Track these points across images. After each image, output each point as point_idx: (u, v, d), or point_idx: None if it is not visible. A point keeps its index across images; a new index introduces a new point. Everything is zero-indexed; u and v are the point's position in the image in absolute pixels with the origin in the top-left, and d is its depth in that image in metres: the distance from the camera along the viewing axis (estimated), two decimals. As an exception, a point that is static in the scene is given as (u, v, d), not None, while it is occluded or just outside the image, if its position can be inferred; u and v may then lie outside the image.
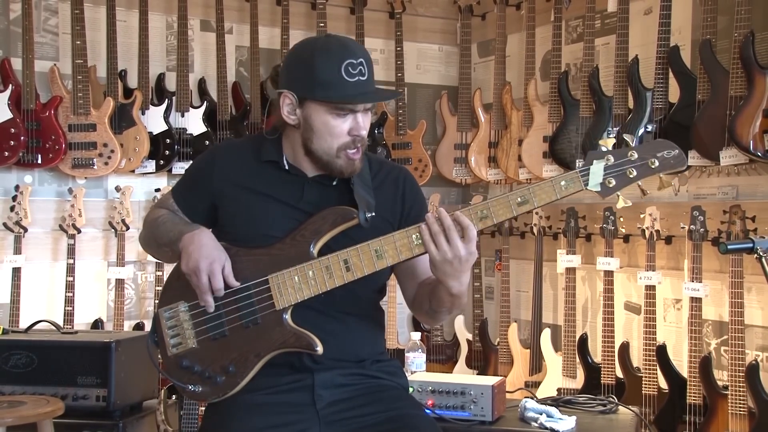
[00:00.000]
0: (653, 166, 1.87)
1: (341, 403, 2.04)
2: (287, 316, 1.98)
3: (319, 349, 1.96)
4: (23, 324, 3.56)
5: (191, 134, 4.17)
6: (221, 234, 2.08)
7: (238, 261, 2.01)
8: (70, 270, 3.90)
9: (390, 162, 2.24)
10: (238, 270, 2.01)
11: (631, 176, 1.87)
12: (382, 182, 2.12)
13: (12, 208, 3.82)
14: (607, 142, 1.89)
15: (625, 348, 3.70)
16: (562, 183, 1.88)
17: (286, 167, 2.09)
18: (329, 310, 2.04)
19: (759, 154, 3.14)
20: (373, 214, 2.00)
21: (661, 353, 3.52)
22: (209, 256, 1.98)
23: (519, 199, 1.89)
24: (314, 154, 2.03)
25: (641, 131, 3.55)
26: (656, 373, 3.53)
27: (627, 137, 1.90)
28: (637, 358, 3.71)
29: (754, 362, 3.17)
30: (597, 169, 1.87)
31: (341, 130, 1.99)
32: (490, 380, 2.63)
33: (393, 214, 2.10)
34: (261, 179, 2.09)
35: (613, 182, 1.87)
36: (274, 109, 2.10)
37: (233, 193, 2.09)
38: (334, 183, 2.08)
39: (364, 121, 2.01)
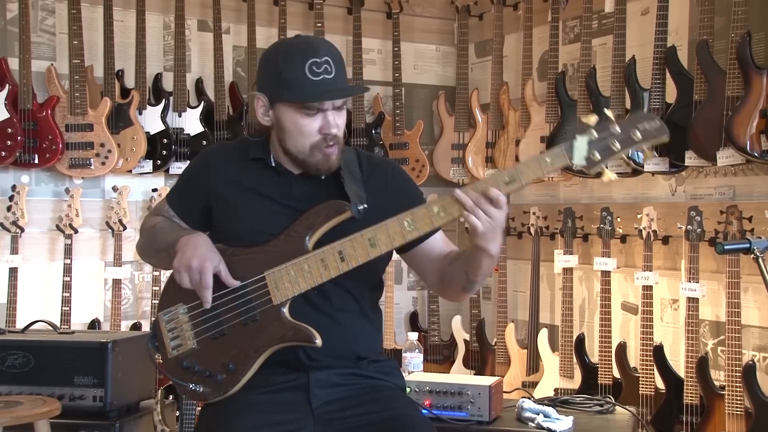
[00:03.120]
0: (636, 138, 1.89)
1: (337, 403, 2.05)
2: (285, 310, 1.99)
3: (318, 341, 1.97)
4: (20, 324, 3.55)
5: (188, 134, 4.17)
6: (216, 234, 2.10)
7: (235, 261, 2.03)
8: (67, 270, 3.89)
9: (377, 156, 2.28)
10: (235, 269, 2.02)
11: (614, 149, 1.89)
12: (371, 176, 2.14)
13: (9, 208, 3.81)
14: (590, 119, 1.91)
15: (622, 348, 3.70)
16: (548, 159, 1.89)
17: (273, 164, 2.11)
18: (325, 308, 2.05)
19: (756, 154, 3.14)
20: (366, 206, 2.01)
21: (658, 353, 3.52)
22: (202, 255, 2.00)
23: (506, 179, 1.90)
24: (290, 153, 2.06)
25: (638, 131, 3.55)
26: (653, 374, 3.53)
27: (608, 112, 1.93)
28: (634, 359, 3.71)
29: (750, 362, 3.17)
30: (581, 143, 1.89)
31: (311, 129, 2.01)
32: (487, 380, 2.63)
33: (386, 206, 2.09)
34: (250, 177, 2.11)
35: (598, 156, 1.89)
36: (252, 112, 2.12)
37: (226, 193, 2.11)
38: (323, 177, 2.09)
39: (335, 119, 2.02)
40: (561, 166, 1.91)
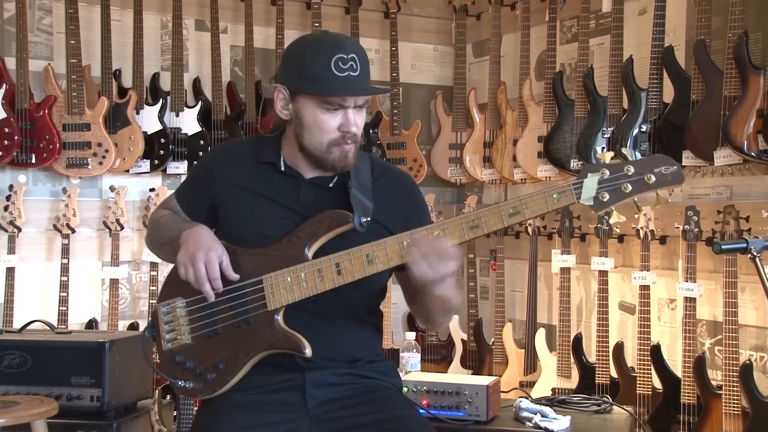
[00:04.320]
0: (650, 182, 1.83)
1: (332, 403, 2.04)
2: (278, 317, 1.99)
3: (308, 351, 1.96)
4: (17, 324, 3.55)
5: (186, 134, 4.17)
6: (220, 234, 2.09)
7: (235, 260, 2.02)
8: (65, 270, 3.89)
9: (393, 167, 2.24)
10: (235, 268, 2.02)
11: (626, 191, 1.83)
12: (382, 188, 2.11)
13: (6, 208, 3.81)
14: (605, 156, 1.87)
15: (619, 348, 3.70)
16: (555, 195, 1.87)
17: (283, 168, 2.09)
18: (322, 312, 2.04)
19: (753, 154, 3.14)
20: (369, 218, 2.00)
21: (656, 353, 3.52)
22: (206, 246, 1.99)
23: (511, 210, 1.88)
24: (306, 149, 2.04)
25: (636, 131, 3.55)
26: (650, 373, 3.53)
27: (625, 151, 1.88)
28: (631, 358, 3.71)
29: (747, 362, 3.17)
30: (591, 182, 1.85)
31: (330, 126, 2.00)
32: (484, 380, 2.63)
33: (392, 220, 2.08)
34: (258, 180, 2.09)
35: (607, 197, 1.84)
36: (271, 106, 2.10)
37: (231, 194, 2.10)
38: (331, 185, 2.08)
39: (355, 118, 2.01)
40: (567, 203, 1.88)
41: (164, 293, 2.12)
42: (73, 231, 3.94)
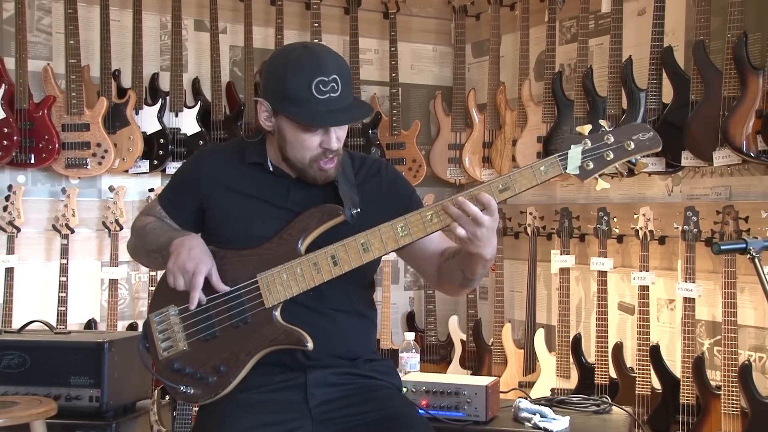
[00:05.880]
0: (629, 148, 1.90)
1: (334, 402, 2.05)
2: (277, 314, 2.00)
3: (309, 344, 1.97)
4: (16, 324, 3.55)
5: (185, 134, 4.17)
6: (209, 237, 2.09)
7: (227, 263, 2.03)
8: (64, 270, 3.89)
9: (370, 157, 2.28)
10: (227, 272, 2.02)
11: (608, 159, 1.91)
12: (364, 178, 2.15)
13: (5, 208, 3.80)
14: (584, 129, 1.93)
15: (618, 348, 3.71)
16: (542, 168, 1.91)
17: (271, 168, 2.11)
18: (320, 307, 2.06)
19: (752, 154, 3.15)
20: (359, 210, 2.02)
21: (655, 353, 3.52)
22: (196, 258, 2.00)
23: (501, 186, 1.91)
24: (289, 161, 2.06)
25: (635, 132, 3.55)
26: (650, 373, 3.53)
27: (603, 122, 1.95)
28: (630, 358, 3.71)
29: (746, 362, 3.17)
30: (575, 153, 1.91)
31: (312, 143, 2.01)
32: (484, 380, 2.63)
33: (380, 206, 2.11)
34: (246, 181, 2.11)
35: (591, 165, 1.91)
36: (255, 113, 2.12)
37: (220, 196, 2.11)
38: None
39: (336, 133, 2.02)
40: (554, 175, 1.92)
41: (155, 303, 2.11)
42: (72, 231, 3.94)
